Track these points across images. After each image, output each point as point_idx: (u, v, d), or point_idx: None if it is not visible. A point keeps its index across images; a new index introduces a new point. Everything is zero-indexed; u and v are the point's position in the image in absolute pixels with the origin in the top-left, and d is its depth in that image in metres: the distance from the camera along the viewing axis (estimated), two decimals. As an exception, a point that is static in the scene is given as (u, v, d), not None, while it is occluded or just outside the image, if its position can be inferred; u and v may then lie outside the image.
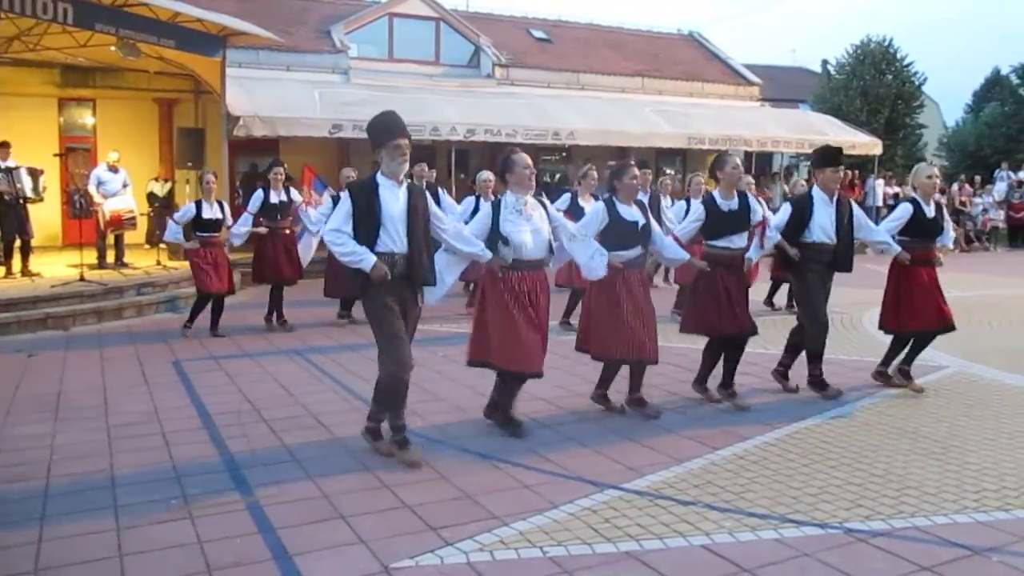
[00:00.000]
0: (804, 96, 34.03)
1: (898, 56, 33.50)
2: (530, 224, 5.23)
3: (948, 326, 6.50)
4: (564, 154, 20.02)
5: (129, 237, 12.77)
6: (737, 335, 6.11)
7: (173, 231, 8.69)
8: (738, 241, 6.15)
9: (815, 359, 6.44)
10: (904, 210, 6.51)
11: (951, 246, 7.03)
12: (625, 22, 25.01)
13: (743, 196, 6.20)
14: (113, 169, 12.29)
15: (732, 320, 6.03)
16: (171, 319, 9.91)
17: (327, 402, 6.17)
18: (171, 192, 15.32)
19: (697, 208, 6.32)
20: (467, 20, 20.68)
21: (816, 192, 6.34)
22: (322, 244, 5.24)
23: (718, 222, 6.12)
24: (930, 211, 6.50)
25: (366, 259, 4.59)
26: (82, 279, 10.31)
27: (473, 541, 3.73)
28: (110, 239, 12.24)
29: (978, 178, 23.68)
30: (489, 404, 5.53)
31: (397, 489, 4.35)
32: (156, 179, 15.36)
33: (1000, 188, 22.63)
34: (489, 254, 5.14)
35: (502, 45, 20.59)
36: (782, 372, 6.67)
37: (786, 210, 6.37)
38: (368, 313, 4.81)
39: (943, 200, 20.75)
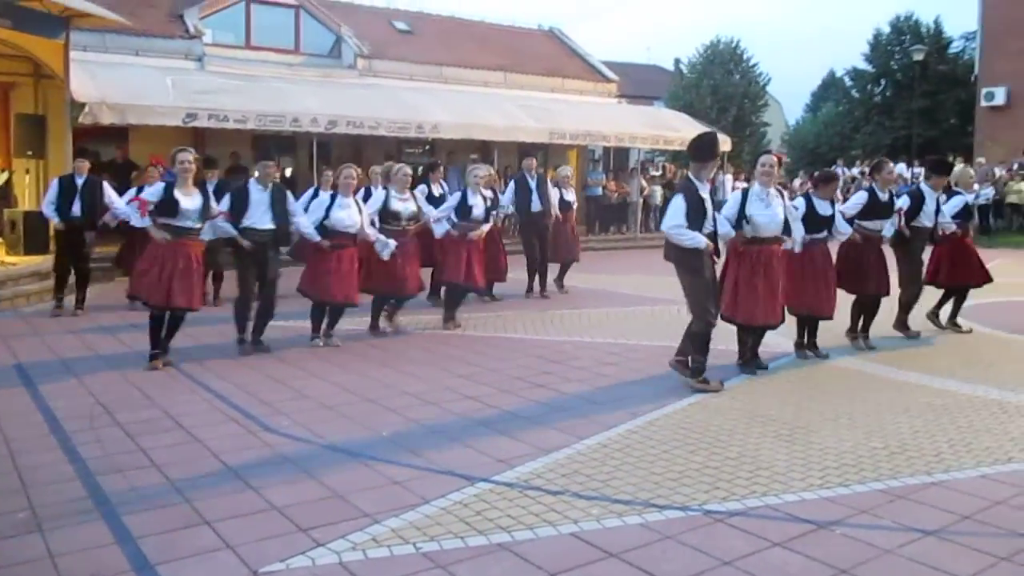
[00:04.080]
0: (659, 93, 35.24)
1: (745, 56, 35.22)
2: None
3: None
4: (428, 147, 19.94)
5: (-40, 231, 11.88)
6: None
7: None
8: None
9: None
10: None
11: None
12: (487, 15, 25.16)
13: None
14: (-60, 158, 11.39)
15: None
16: (9, 322, 9.29)
17: (185, 403, 5.94)
18: (8, 182, 14.27)
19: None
20: (328, 9, 20.22)
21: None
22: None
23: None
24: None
25: (700, 239, 6.09)
26: (-94, 277, 9.51)
27: (345, 540, 3.69)
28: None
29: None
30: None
31: (264, 491, 4.26)
32: (-9, 169, 14.31)
33: (836, 183, 24.12)
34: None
35: (364, 36, 20.25)
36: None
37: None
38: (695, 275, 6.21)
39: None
